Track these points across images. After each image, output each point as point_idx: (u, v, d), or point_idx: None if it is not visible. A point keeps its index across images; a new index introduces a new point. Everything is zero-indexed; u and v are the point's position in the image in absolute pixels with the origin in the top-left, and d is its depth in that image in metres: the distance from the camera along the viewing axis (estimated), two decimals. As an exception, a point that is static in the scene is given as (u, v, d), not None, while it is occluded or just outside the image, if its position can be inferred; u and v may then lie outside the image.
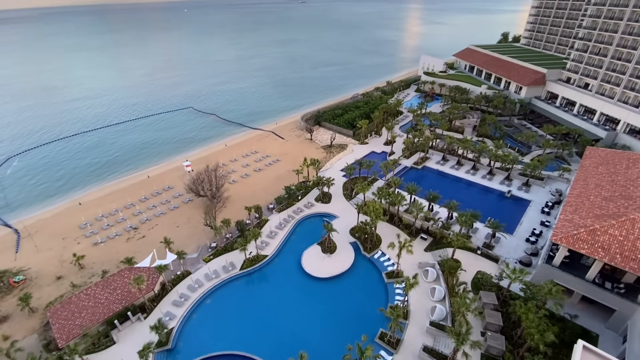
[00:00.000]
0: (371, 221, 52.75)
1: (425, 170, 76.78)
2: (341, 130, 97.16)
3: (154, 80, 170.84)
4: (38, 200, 74.45)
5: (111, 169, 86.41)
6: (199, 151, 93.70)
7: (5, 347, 38.57)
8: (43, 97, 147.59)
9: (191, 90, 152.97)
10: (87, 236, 60.50)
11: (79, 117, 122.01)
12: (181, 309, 45.04)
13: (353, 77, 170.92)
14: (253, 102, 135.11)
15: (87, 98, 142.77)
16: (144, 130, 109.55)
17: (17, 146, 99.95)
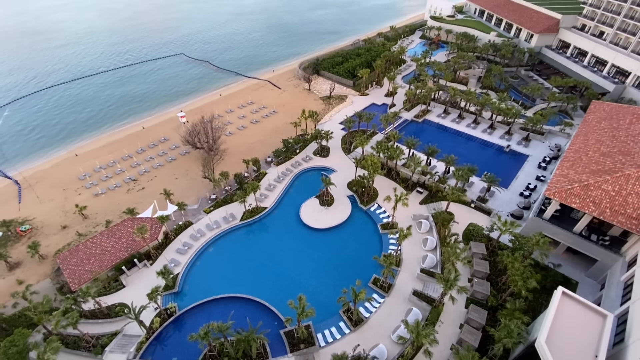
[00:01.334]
0: (369, 175, 53.18)
1: (426, 124, 75.51)
2: (341, 80, 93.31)
3: (140, 23, 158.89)
4: (33, 152, 73.78)
5: (104, 120, 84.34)
6: (193, 101, 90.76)
7: (20, 290, 40.99)
8: (26, 42, 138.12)
9: (181, 35, 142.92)
10: (87, 187, 61.09)
11: (65, 65, 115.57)
12: (185, 256, 47.23)
13: (354, 21, 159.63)
14: (248, 48, 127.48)
15: (72, 44, 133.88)
16: (134, 79, 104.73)
17: (5, 96, 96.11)
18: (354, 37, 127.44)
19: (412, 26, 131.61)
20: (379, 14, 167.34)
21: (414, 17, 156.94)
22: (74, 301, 38.61)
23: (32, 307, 37.34)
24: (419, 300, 40.82)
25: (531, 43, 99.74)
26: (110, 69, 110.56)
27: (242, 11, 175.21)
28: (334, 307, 40.00)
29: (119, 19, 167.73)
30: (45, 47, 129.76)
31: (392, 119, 68.21)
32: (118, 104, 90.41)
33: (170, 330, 39.50)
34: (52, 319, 36.12)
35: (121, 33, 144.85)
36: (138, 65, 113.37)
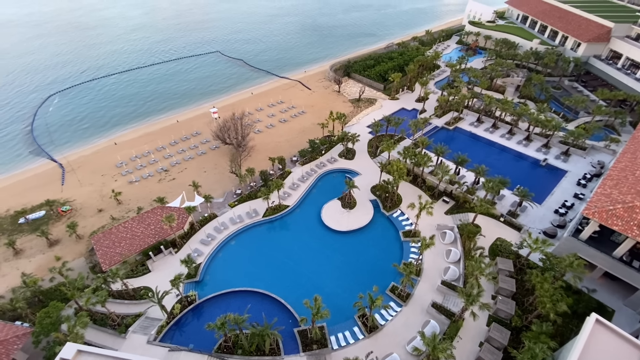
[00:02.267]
0: (394, 181, 52.34)
1: (457, 132, 73.23)
2: (371, 83, 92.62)
3: (182, 22, 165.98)
4: (78, 139, 78.94)
5: (144, 113, 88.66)
6: (225, 98, 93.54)
7: (58, 266, 44.04)
8: (78, 36, 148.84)
9: (218, 33, 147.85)
10: (123, 175, 64.64)
11: (113, 59, 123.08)
12: (208, 247, 48.73)
13: (389, 24, 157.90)
14: (281, 49, 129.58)
15: (118, 39, 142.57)
16: (172, 74, 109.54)
17: (57, 84, 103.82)
18: (388, 41, 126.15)
19: (449, 31, 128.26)
20: (415, 18, 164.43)
21: (451, 21, 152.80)
22: (104, 280, 40.93)
23: (67, 282, 40.04)
24: (437, 313, 39.60)
25: (578, 52, 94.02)
26: (153, 64, 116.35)
27: (277, 13, 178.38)
28: (349, 311, 39.69)
29: (163, 17, 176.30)
30: (95, 42, 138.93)
31: (422, 125, 66.77)
32: (158, 99, 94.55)
33: (189, 317, 40.88)
34: (83, 296, 38.51)
35: (164, 31, 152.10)
36: (177, 61, 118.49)
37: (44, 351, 36.49)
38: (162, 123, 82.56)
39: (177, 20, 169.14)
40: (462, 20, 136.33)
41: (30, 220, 54.91)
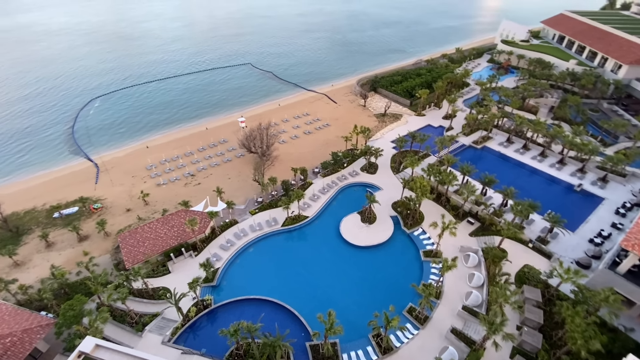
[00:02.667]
0: (416, 198, 51.22)
1: (485, 151, 71.11)
2: (398, 98, 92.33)
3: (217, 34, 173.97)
4: (114, 140, 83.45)
5: (176, 119, 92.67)
6: (253, 108, 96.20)
7: (85, 260, 46.04)
8: (122, 46, 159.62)
9: (251, 46, 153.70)
10: (152, 177, 67.37)
11: (153, 68, 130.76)
12: (227, 253, 49.37)
13: (418, 40, 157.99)
14: (310, 63, 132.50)
15: (158, 49, 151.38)
16: (205, 84, 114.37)
17: (99, 89, 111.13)
18: (417, 57, 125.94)
19: (480, 49, 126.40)
20: (445, 35, 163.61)
21: (482, 40, 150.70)
22: (126, 278, 42.28)
23: (92, 277, 41.69)
24: (457, 340, 37.67)
25: (619, 74, 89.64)
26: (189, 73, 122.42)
27: (308, 28, 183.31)
28: (363, 329, 38.59)
29: (200, 30, 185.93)
30: (137, 52, 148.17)
31: (448, 142, 65.40)
32: (191, 107, 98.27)
33: (204, 321, 41.22)
34: (106, 291, 39.91)
35: (201, 43, 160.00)
36: (211, 71, 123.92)
37: (64, 342, 37.89)
38: (192, 130, 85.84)
39: (213, 33, 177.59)
40: (494, 39, 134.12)
41: (64, 215, 58.11)
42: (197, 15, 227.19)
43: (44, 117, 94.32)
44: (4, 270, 48.88)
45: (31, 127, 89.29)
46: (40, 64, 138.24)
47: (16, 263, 49.71)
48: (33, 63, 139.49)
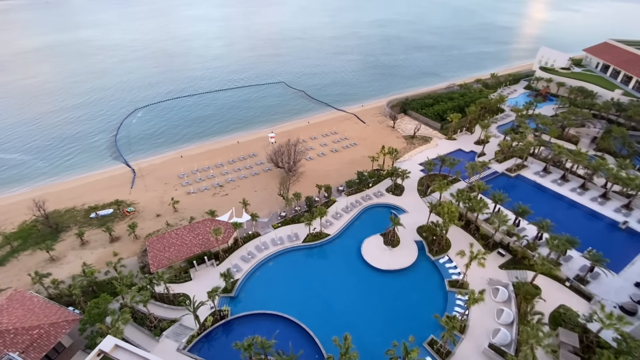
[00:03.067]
0: (443, 224, 49.42)
1: (519, 180, 67.92)
2: (428, 121, 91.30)
3: (255, 54, 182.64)
4: (151, 148, 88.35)
5: (210, 132, 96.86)
6: (283, 125, 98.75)
7: (114, 261, 48.03)
8: (167, 61, 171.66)
9: (285, 65, 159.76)
10: (183, 185, 70.14)
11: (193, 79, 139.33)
12: (247, 264, 49.69)
13: (452, 65, 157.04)
14: (341, 83, 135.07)
15: (200, 66, 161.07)
16: (240, 100, 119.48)
17: (143, 101, 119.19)
18: (449, 81, 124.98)
19: (517, 75, 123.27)
20: (480, 61, 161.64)
21: (519, 66, 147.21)
22: (149, 281, 43.51)
23: (119, 278, 43.28)
24: (481, 380, 34.93)
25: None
26: (227, 89, 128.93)
27: (342, 50, 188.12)
28: (380, 357, 36.80)
29: (239, 50, 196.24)
30: (181, 68, 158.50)
31: (480, 168, 63.21)
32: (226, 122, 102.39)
33: (219, 331, 41.22)
34: (130, 293, 41.17)
35: (239, 61, 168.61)
36: (248, 88, 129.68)
37: (86, 339, 39.15)
38: (225, 142, 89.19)
39: (251, 52, 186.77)
40: (531, 66, 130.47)
41: (99, 216, 61.48)
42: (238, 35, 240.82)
43: (92, 124, 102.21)
44: (40, 264, 52.02)
45: (80, 133, 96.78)
46: (94, 75, 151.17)
47: (52, 258, 52.81)
48: (88, 74, 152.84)
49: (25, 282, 47.99)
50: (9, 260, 53.07)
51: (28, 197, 63.89)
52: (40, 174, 79.11)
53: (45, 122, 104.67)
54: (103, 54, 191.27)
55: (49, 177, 77.76)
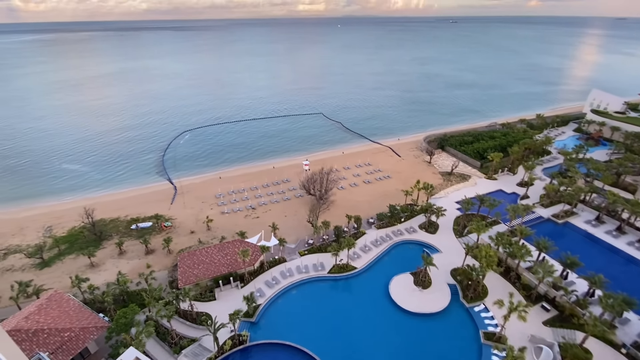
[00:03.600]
0: (480, 268, 46.11)
1: (568, 228, 62.48)
2: (467, 159, 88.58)
3: (298, 87, 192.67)
4: (194, 168, 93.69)
5: (250, 157, 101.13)
6: (318, 153, 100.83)
7: (146, 272, 49.85)
8: (217, 90, 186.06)
9: (325, 98, 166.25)
10: (218, 205, 72.76)
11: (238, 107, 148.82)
12: (271, 290, 49.17)
13: (494, 103, 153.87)
14: (378, 117, 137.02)
15: (245, 96, 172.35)
16: (280, 128, 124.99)
17: (191, 124, 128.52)
18: (491, 120, 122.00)
19: (565, 117, 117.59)
20: (524, 101, 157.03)
21: (568, 108, 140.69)
22: (176, 297, 44.33)
23: (149, 290, 44.62)
24: None
25: None
26: (269, 117, 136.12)
27: (380, 86, 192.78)
28: (403, 409, 33.70)
29: (283, 82, 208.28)
30: (228, 97, 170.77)
31: (523, 212, 59.23)
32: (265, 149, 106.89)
33: (236, 357, 40.31)
34: (156, 306, 42.08)
35: (282, 93, 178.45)
36: (288, 117, 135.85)
37: (110, 348, 40.05)
38: (261, 167, 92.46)
39: (293, 85, 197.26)
40: (582, 108, 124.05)
41: (139, 227, 64.97)
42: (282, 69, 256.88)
43: (145, 144, 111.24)
44: (81, 268, 55.31)
45: (134, 151, 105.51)
46: (152, 100, 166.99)
47: (92, 264, 56.02)
48: (147, 99, 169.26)
49: (65, 284, 51.04)
50: (55, 262, 57.09)
51: (81, 205, 69.46)
52: (95, 185, 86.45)
53: (106, 139, 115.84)
54: (161, 82, 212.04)
55: (101, 188, 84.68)
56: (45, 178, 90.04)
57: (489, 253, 46.31)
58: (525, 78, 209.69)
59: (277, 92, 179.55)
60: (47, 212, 72.80)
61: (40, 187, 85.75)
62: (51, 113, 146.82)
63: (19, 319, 39.09)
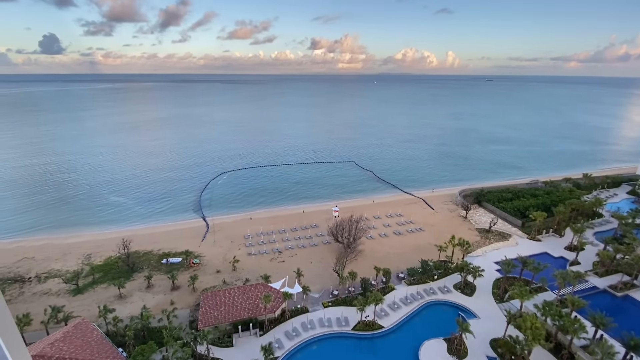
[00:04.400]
0: (525, 341, 40.76)
1: (628, 302, 54.63)
2: (506, 216, 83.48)
3: (334, 136, 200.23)
4: (227, 208, 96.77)
5: (282, 200, 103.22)
6: (348, 200, 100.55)
7: (169, 309, 49.70)
8: (256, 136, 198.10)
9: (359, 147, 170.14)
10: (246, 246, 73.21)
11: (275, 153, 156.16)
12: (290, 342, 46.47)
13: (535, 160, 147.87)
14: (411, 168, 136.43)
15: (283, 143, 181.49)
16: (314, 173, 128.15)
17: (230, 166, 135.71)
18: (532, 177, 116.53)
19: (616, 178, 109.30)
20: (568, 159, 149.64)
21: (619, 168, 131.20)
22: (194, 338, 43.20)
23: (169, 328, 44.07)
24: None
25: None
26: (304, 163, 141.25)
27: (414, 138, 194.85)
28: None
29: (319, 131, 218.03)
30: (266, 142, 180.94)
31: (574, 279, 53.14)
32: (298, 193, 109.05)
33: (248, 415, 37.29)
34: (174, 346, 41.10)
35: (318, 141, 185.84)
36: (321, 164, 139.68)
37: (124, 387, 38.91)
38: (291, 210, 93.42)
39: (329, 134, 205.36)
40: (635, 169, 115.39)
41: (169, 262, 66.40)
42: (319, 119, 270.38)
43: (186, 183, 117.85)
44: (110, 298, 56.49)
45: (176, 189, 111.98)
46: (198, 143, 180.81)
47: (120, 295, 57.13)
48: (194, 141, 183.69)
49: (93, 312, 52.01)
50: (87, 290, 59.06)
51: (120, 236, 73.14)
52: (136, 218, 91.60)
53: (153, 177, 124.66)
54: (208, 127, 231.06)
55: (142, 221, 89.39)
56: (95, 209, 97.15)
57: (535, 324, 41.17)
58: (568, 136, 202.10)
59: (313, 140, 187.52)
60: (90, 240, 77.31)
61: (89, 216, 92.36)
62: (109, 151, 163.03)
63: (45, 344, 39.83)
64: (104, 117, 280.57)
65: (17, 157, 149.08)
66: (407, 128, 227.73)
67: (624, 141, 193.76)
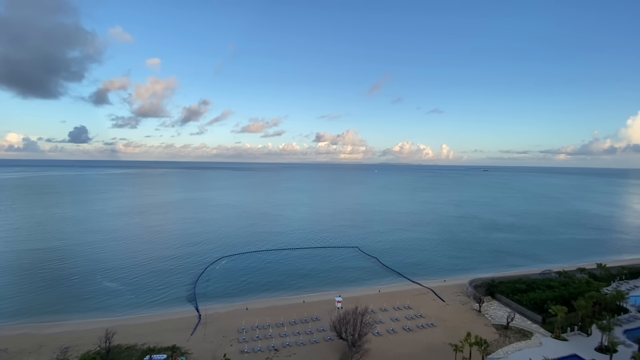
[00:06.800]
0: None
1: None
2: (524, 311, 77.06)
3: (334, 218, 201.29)
4: (222, 297, 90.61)
5: (281, 288, 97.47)
6: (352, 290, 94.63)
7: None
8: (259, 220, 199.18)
9: (361, 232, 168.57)
10: (239, 341, 66.18)
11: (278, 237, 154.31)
12: None
13: (543, 249, 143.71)
14: (416, 254, 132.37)
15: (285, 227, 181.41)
16: (314, 259, 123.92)
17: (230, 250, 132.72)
18: (544, 266, 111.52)
19: (634, 269, 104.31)
20: (579, 248, 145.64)
21: (635, 259, 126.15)
22: None
23: None
24: None
25: None
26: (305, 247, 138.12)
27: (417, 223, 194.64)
28: None
29: (321, 214, 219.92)
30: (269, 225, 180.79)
31: (613, 390, 46.02)
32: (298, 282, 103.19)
33: None
34: None
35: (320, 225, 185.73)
36: (323, 249, 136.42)
37: None
38: (291, 300, 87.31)
39: (331, 219, 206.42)
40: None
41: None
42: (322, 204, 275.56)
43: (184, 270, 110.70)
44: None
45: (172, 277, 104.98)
46: (202, 225, 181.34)
47: (91, 402, 49.44)
48: (198, 225, 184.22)
49: None
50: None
51: (104, 326, 66.92)
52: (126, 306, 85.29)
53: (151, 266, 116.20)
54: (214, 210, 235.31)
55: (130, 310, 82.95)
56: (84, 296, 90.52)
57: None
58: (572, 224, 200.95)
59: (315, 224, 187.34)
60: (71, 331, 70.69)
61: (77, 303, 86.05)
62: (109, 237, 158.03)
63: None
64: (113, 200, 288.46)
65: (17, 240, 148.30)
66: (408, 214, 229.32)
67: (632, 230, 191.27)
